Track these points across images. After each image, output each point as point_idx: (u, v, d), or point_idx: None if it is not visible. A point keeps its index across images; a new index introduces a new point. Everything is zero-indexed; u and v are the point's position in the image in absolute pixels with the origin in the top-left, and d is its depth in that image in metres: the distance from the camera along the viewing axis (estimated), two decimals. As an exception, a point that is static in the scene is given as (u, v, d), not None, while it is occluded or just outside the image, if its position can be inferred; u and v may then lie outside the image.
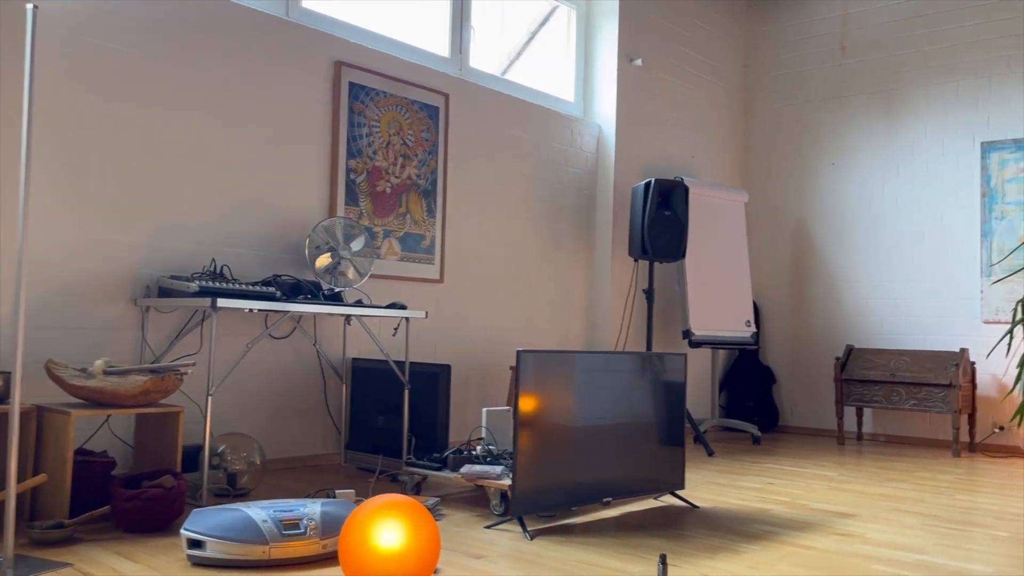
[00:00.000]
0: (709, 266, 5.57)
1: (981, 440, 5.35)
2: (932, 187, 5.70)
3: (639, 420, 3.15)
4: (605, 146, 5.47)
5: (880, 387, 5.35)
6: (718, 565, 2.45)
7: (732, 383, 6.25)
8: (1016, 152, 5.38)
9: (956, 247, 5.57)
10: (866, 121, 6.01)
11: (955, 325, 5.52)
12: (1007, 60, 5.45)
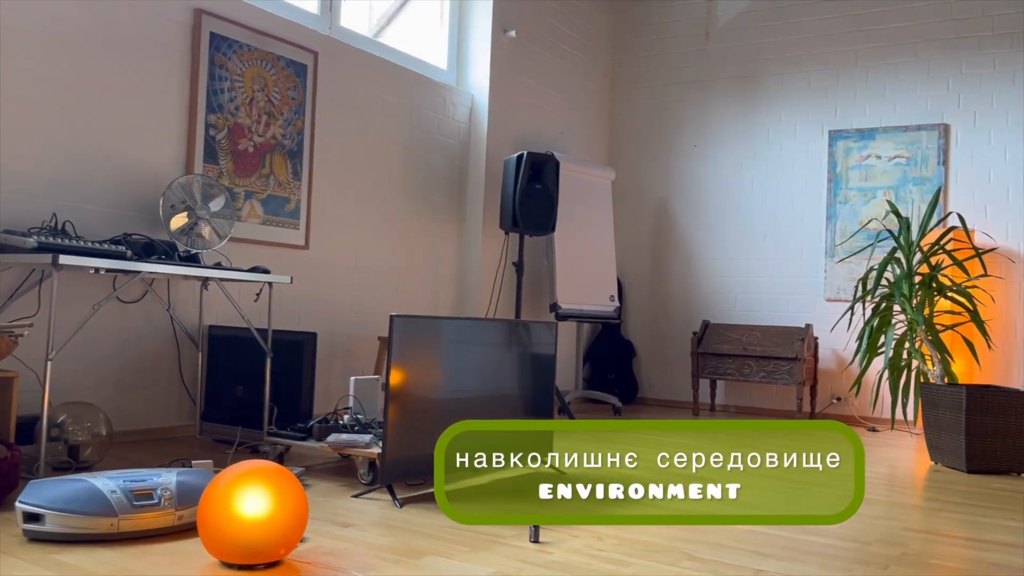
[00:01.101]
0: (577, 241, 5.65)
1: (821, 410, 5.73)
2: (784, 171, 6.01)
3: (508, 388, 3.15)
4: (478, 116, 5.42)
5: (733, 360, 5.62)
6: (587, 527, 2.48)
7: (595, 356, 6.39)
8: (859, 141, 5.75)
9: (804, 229, 5.91)
10: (726, 106, 6.26)
11: (802, 302, 5.86)
12: (854, 54, 5.81)
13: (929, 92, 5.56)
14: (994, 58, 5.38)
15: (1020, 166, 5.27)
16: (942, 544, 2.46)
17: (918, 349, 4.27)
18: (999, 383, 5.15)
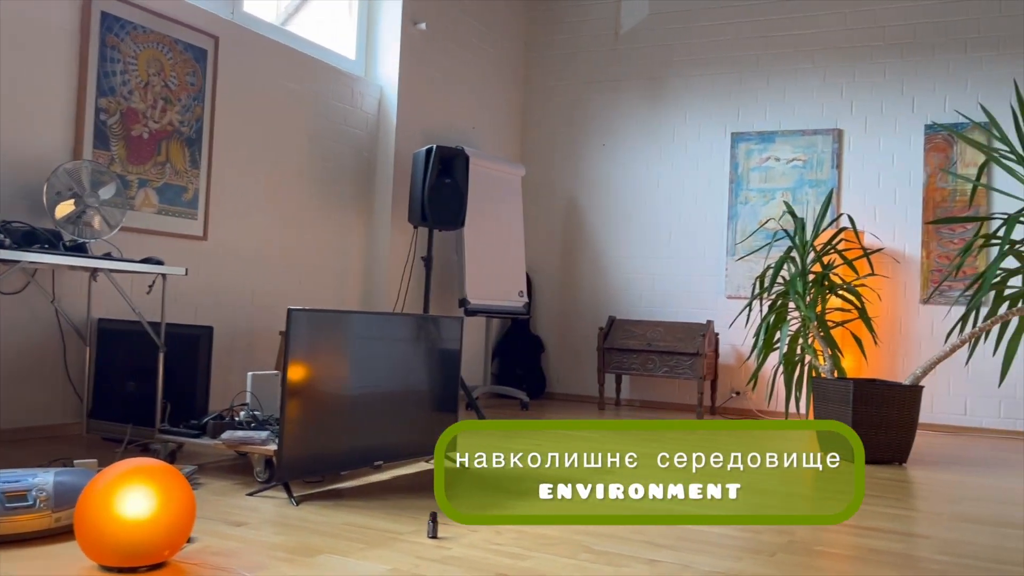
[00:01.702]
0: (486, 237, 5.65)
1: (721, 404, 5.90)
2: (689, 171, 6.16)
3: (413, 384, 3.12)
4: (387, 109, 5.35)
5: (637, 356, 5.72)
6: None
7: (504, 351, 6.40)
8: (760, 143, 5.94)
9: (707, 228, 6.07)
10: (634, 106, 6.36)
11: (704, 299, 6.02)
12: (756, 59, 5.99)
13: (825, 98, 5.79)
14: (884, 67, 5.64)
15: (907, 171, 5.54)
16: (828, 532, 2.55)
17: (811, 344, 4.44)
18: (885, 377, 5.41)
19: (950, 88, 5.45)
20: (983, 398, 5.24)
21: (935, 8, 5.51)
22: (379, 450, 2.98)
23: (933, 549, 2.40)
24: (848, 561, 2.23)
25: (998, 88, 5.33)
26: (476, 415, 4.98)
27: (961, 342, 3.91)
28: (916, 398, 3.98)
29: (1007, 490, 3.40)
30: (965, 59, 5.42)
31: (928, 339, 5.37)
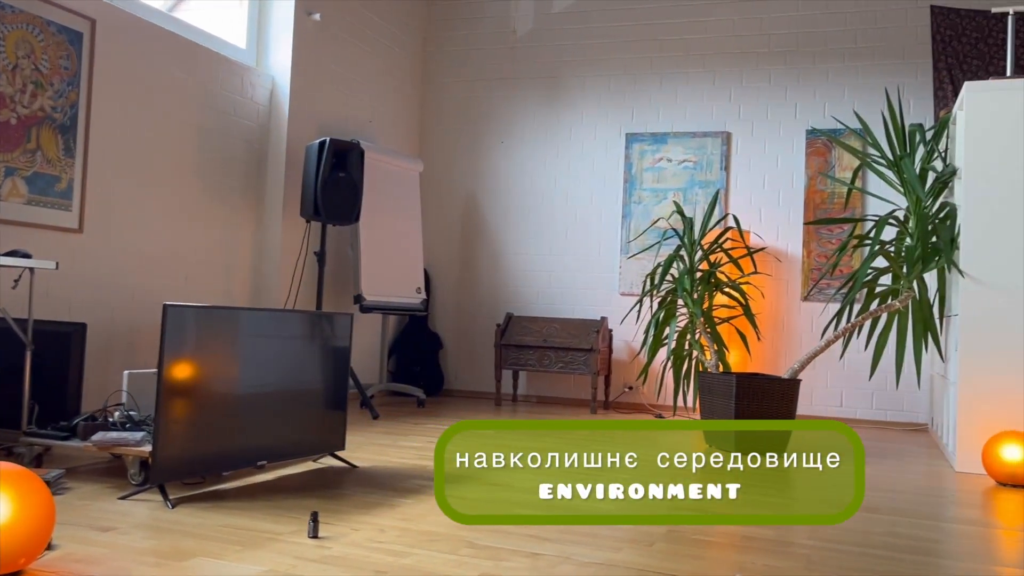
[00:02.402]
0: (383, 232, 5.59)
1: (614, 398, 6.02)
2: (585, 170, 6.25)
3: (300, 382, 3.05)
4: (279, 100, 5.22)
5: (534, 352, 5.78)
6: (371, 520, 2.45)
7: (401, 348, 6.35)
8: (653, 144, 6.09)
9: (602, 226, 6.17)
10: (532, 104, 6.41)
11: (598, 296, 6.13)
12: (650, 62, 6.13)
13: (715, 101, 5.98)
14: (770, 74, 5.87)
15: (789, 174, 5.78)
16: (709, 520, 2.64)
17: (698, 340, 4.58)
18: (769, 371, 5.63)
19: (829, 95, 5.72)
20: (857, 390, 5.52)
21: (817, 18, 5.77)
22: (263, 450, 2.91)
23: (804, 535, 2.51)
24: (721, 548, 2.31)
25: (873, 96, 5.62)
26: (370, 414, 4.92)
27: (835, 337, 4.11)
28: (794, 391, 4.16)
29: (874, 477, 3.59)
30: (843, 68, 5.70)
31: (808, 334, 5.62)
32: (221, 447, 2.75)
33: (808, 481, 3.39)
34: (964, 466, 3.83)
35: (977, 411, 3.79)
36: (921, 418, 5.43)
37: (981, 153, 3.87)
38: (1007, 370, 3.76)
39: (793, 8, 5.82)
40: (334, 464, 3.33)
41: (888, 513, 2.87)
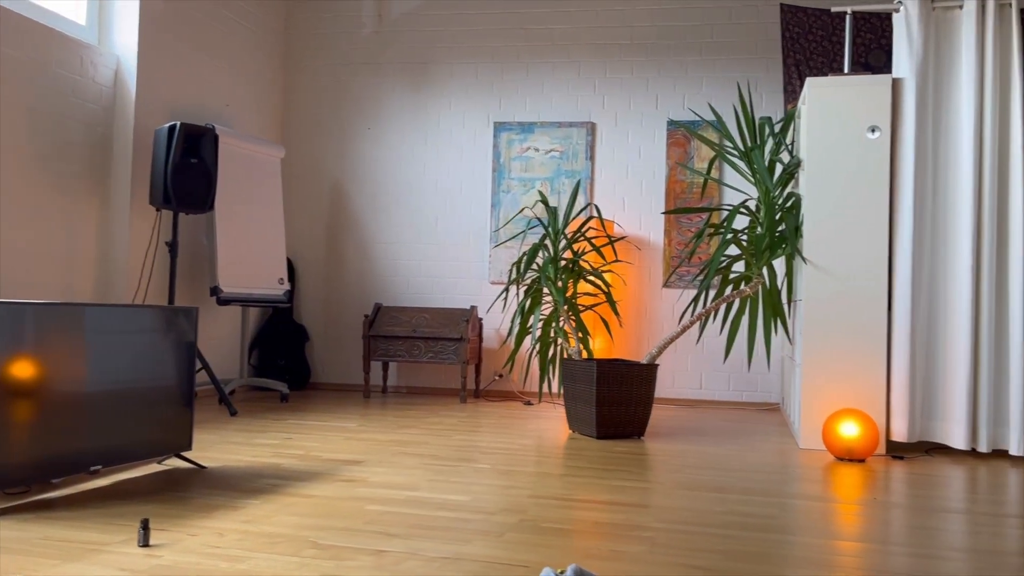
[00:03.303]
0: (241, 221, 5.37)
1: (484, 387, 6.03)
2: (454, 159, 6.21)
3: (140, 380, 2.88)
4: (124, 81, 4.91)
5: (403, 342, 5.70)
6: (211, 524, 2.34)
7: (265, 341, 6.14)
8: (521, 134, 6.11)
9: (471, 215, 6.16)
10: (399, 90, 6.31)
11: (469, 285, 6.12)
12: (516, 51, 6.15)
13: (579, 92, 6.06)
14: (632, 65, 5.99)
15: (651, 164, 5.93)
16: (559, 508, 2.66)
17: (562, 328, 4.63)
18: (633, 357, 5.79)
19: (688, 88, 5.90)
20: (715, 373, 5.75)
21: (676, 12, 5.93)
22: (99, 453, 2.73)
23: (650, 517, 2.57)
24: (569, 535, 2.33)
25: (728, 89, 5.84)
26: (228, 410, 4.73)
27: (690, 323, 4.24)
28: (652, 375, 4.27)
29: (724, 457, 3.74)
30: (701, 61, 5.89)
31: (670, 320, 5.80)
32: (49, 452, 2.56)
33: (664, 463, 3.49)
34: (807, 443, 4.04)
35: (819, 390, 4.00)
36: (774, 398, 5.70)
37: (820, 145, 4.07)
38: (846, 352, 3.98)
39: (653, 1, 5.96)
40: (180, 466, 3.17)
41: (733, 492, 2.99)
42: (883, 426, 3.93)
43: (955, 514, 2.74)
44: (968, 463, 3.76)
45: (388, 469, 3.23)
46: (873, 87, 4.02)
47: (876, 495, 3.02)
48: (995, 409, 3.88)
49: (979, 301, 3.91)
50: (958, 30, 4.01)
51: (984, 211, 3.90)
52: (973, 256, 3.89)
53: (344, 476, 3.07)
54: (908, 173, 3.96)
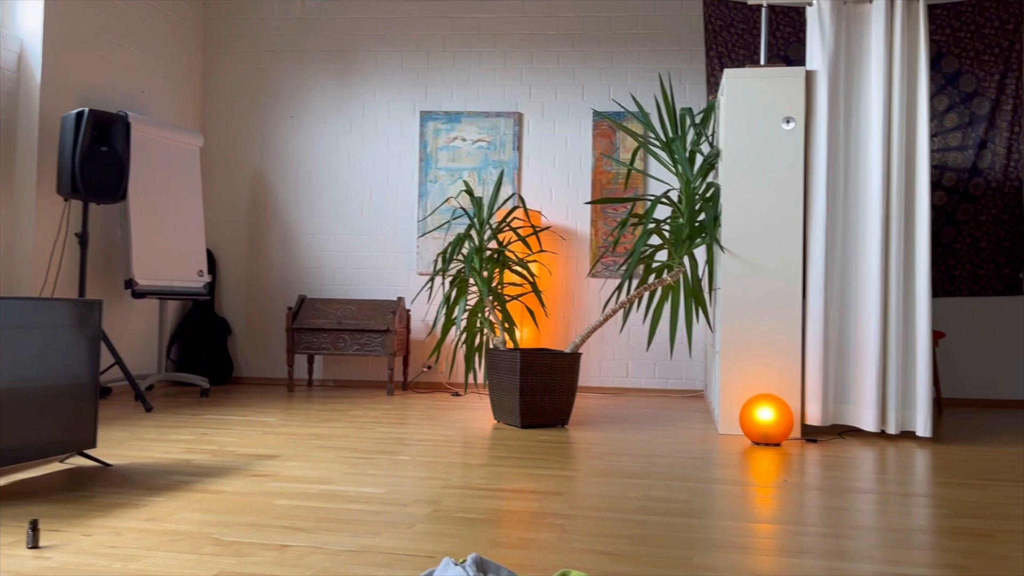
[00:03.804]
0: (157, 211, 5.20)
1: (413, 379, 5.98)
2: (380, 148, 6.13)
3: (38, 376, 2.76)
4: (29, 66, 4.70)
5: (328, 335, 5.62)
6: (109, 523, 2.26)
7: (185, 335, 5.98)
8: (448, 123, 6.06)
9: (398, 205, 6.09)
10: (323, 78, 6.20)
11: (396, 276, 6.05)
12: (443, 40, 6.09)
13: (506, 82, 6.04)
14: (559, 56, 5.99)
15: (578, 154, 5.95)
16: (474, 498, 2.64)
17: (487, 318, 4.62)
18: (561, 346, 5.81)
19: (614, 79, 5.93)
20: (640, 361, 5.81)
21: (601, 3, 5.95)
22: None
23: (564, 505, 2.57)
24: (481, 525, 2.32)
25: (653, 81, 5.89)
26: (143, 407, 4.58)
27: (612, 311, 4.27)
28: (575, 364, 4.29)
29: (645, 444, 3.77)
30: (626, 52, 5.92)
31: (596, 309, 5.84)
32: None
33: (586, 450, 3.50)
34: (726, 428, 4.11)
35: (737, 377, 4.07)
36: (698, 385, 5.79)
37: (738, 136, 4.13)
38: (763, 339, 4.06)
39: (579, -8, 5.98)
40: (84, 464, 3.05)
41: (649, 478, 3.02)
42: (798, 411, 4.03)
43: (865, 494, 2.82)
44: (878, 445, 3.88)
45: (303, 463, 3.17)
46: (788, 79, 4.10)
47: (787, 477, 3.08)
48: (903, 393, 4.00)
49: (887, 288, 4.02)
50: (868, 24, 4.12)
51: (892, 200, 4.02)
52: (882, 244, 4.00)
53: (256, 471, 3.00)
54: (821, 163, 4.05)
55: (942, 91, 5.61)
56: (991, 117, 5.54)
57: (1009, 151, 5.52)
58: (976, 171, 5.55)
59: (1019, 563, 2.06)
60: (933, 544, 2.21)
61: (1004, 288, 5.52)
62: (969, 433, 4.31)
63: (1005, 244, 5.52)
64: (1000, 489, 2.94)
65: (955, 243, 5.56)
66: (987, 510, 2.62)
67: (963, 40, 5.60)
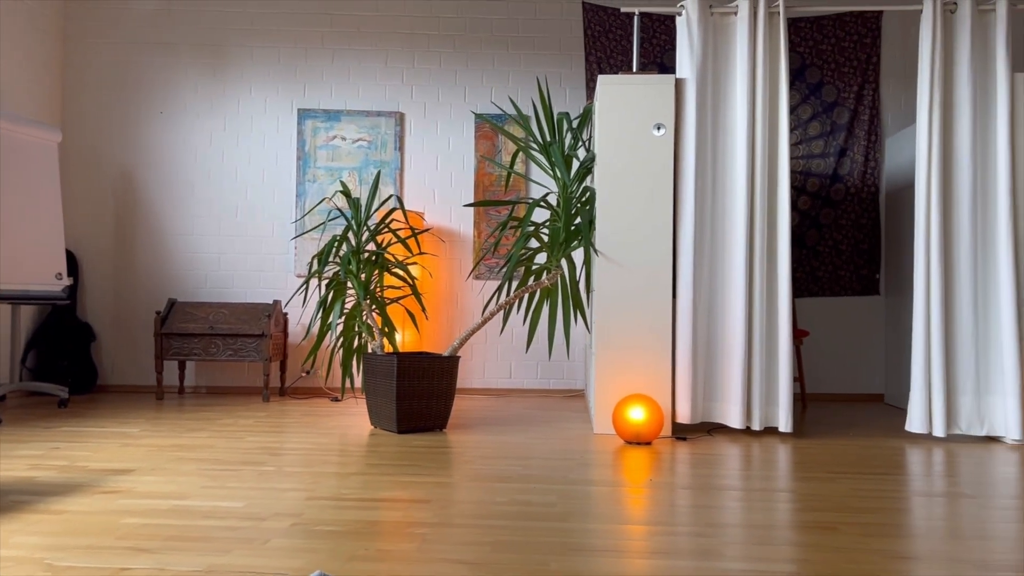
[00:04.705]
0: (9, 211, 4.86)
1: (291, 385, 5.82)
2: (256, 146, 5.94)
3: None
4: None
5: (200, 340, 5.39)
6: (-72, 552, 2.08)
7: (43, 342, 5.62)
8: (326, 122, 5.93)
9: (275, 205, 5.91)
10: (194, 72, 5.95)
11: (273, 278, 5.87)
12: (321, 36, 5.95)
13: (388, 81, 5.95)
14: (440, 56, 5.96)
15: (460, 156, 5.93)
16: (337, 509, 2.58)
17: (365, 322, 4.53)
18: (442, 349, 5.78)
19: (496, 81, 5.94)
20: (523, 362, 5.84)
21: (482, 5, 5.95)
22: None
23: (429, 513, 2.54)
24: (340, 538, 2.26)
25: (533, 84, 5.93)
26: None
27: (491, 314, 4.27)
28: (453, 368, 4.26)
29: (520, 446, 3.79)
30: (508, 55, 5.94)
31: (479, 311, 5.83)
32: None
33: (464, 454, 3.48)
34: (601, 428, 4.18)
35: (611, 377, 4.14)
36: (580, 385, 5.87)
37: (611, 141, 4.20)
38: (636, 339, 4.14)
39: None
40: (-89, 486, 2.81)
41: (519, 481, 3.02)
42: (669, 409, 4.13)
43: (731, 491, 2.91)
44: (743, 441, 4.02)
45: (159, 477, 3.02)
46: (658, 86, 4.19)
47: (654, 476, 3.15)
48: (767, 390, 4.17)
49: (752, 289, 4.18)
50: (733, 35, 4.26)
51: (756, 205, 4.17)
52: (746, 247, 4.15)
53: (107, 487, 2.83)
54: (690, 169, 4.17)
55: (806, 101, 5.88)
56: (850, 126, 5.85)
57: (867, 159, 5.84)
58: (837, 177, 5.84)
59: (858, 554, 2.16)
60: (783, 539, 2.30)
61: (863, 288, 5.84)
62: (828, 427, 4.53)
63: (863, 247, 5.83)
64: (847, 482, 3.09)
65: (819, 246, 5.84)
66: (833, 503, 2.74)
67: (825, 52, 5.88)
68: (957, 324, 4.12)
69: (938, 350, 4.05)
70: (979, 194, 4.15)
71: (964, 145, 4.13)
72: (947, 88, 4.18)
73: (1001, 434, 4.08)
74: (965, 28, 4.14)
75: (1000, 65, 4.11)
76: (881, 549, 2.21)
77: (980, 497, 2.87)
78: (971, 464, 3.50)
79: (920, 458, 3.63)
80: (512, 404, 5.34)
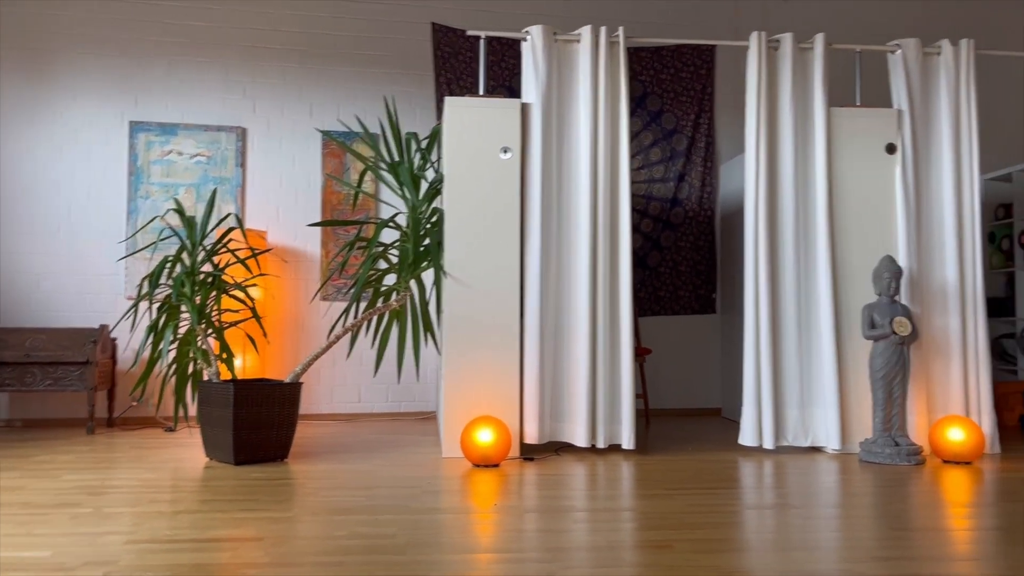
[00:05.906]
0: None
1: (119, 415, 5.43)
2: (81, 160, 5.53)
3: None
4: None
5: (13, 368, 4.93)
6: None
7: None
8: (162, 135, 5.61)
9: (103, 223, 5.52)
10: (12, 79, 5.48)
11: (100, 301, 5.47)
12: (155, 46, 5.63)
13: (228, 95, 5.71)
14: (284, 71, 5.78)
15: (307, 174, 5.76)
16: (158, 553, 2.39)
17: (200, 347, 4.29)
18: (285, 374, 5.56)
19: (344, 98, 5.82)
20: (372, 385, 5.72)
21: (324, 20, 5.83)
22: None
23: (260, 552, 2.41)
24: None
25: (380, 102, 5.86)
26: None
27: (337, 337, 4.14)
28: (295, 395, 4.10)
29: (366, 474, 3.68)
30: (355, 73, 5.84)
31: (326, 334, 5.67)
32: None
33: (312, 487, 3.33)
34: (449, 451, 4.13)
35: (460, 399, 4.11)
36: (431, 407, 5.81)
37: (459, 163, 4.20)
38: (484, 361, 4.13)
39: (301, 7, 5.80)
40: None
41: (360, 513, 2.92)
42: (517, 430, 4.14)
43: (575, 512, 2.92)
44: (589, 459, 4.09)
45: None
46: (505, 110, 4.23)
47: (498, 501, 3.13)
48: (610, 408, 4.26)
49: (596, 309, 4.27)
50: (577, 62, 4.37)
51: (599, 228, 4.27)
52: (590, 268, 4.24)
53: None
54: (536, 192, 4.22)
55: (647, 127, 6.12)
56: (688, 153, 6.13)
57: (703, 184, 6.13)
58: (676, 201, 6.10)
59: (691, 571, 2.22)
60: (622, 560, 2.32)
61: (700, 307, 6.11)
62: (669, 443, 4.68)
63: (701, 268, 6.11)
64: (684, 498, 3.19)
65: (660, 267, 6.07)
66: (670, 520, 2.82)
67: (665, 82, 6.15)
68: (783, 340, 4.38)
69: (767, 365, 4.28)
70: (801, 219, 4.43)
71: (787, 173, 4.41)
72: (772, 119, 4.45)
73: (823, 444, 4.35)
74: (787, 64, 4.43)
75: (817, 99, 4.42)
76: (711, 565, 2.28)
77: (804, 507, 3.03)
78: (797, 475, 3.71)
79: (751, 471, 3.81)
80: (361, 429, 5.21)
